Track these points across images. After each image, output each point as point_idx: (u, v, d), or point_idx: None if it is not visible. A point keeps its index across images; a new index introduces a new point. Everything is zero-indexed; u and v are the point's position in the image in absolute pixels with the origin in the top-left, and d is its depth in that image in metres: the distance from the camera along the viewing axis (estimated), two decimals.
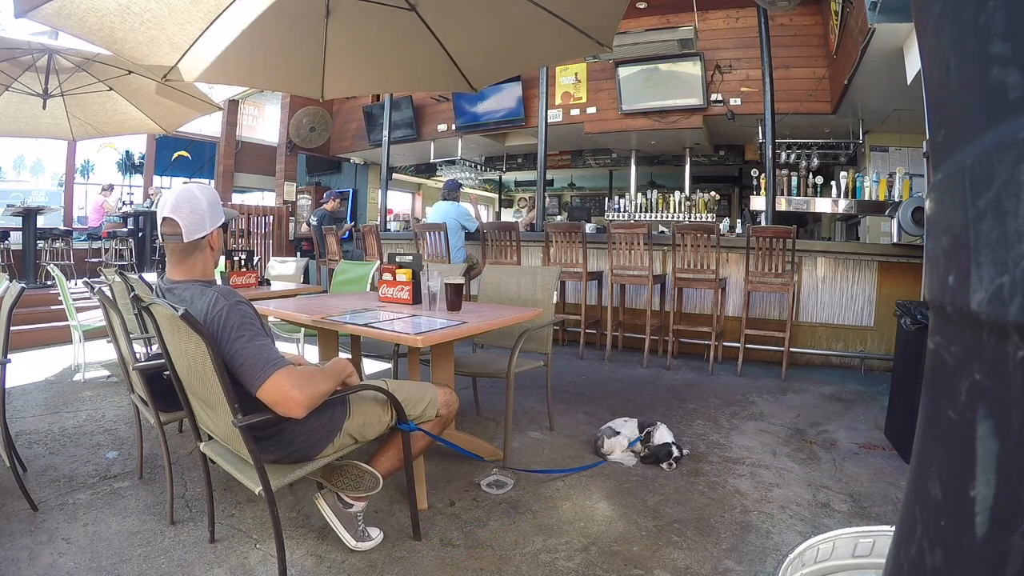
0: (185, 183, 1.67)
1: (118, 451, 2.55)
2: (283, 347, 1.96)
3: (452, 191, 5.65)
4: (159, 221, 1.59)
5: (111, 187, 8.51)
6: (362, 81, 3.73)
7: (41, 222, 6.45)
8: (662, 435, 2.51)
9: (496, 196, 13.05)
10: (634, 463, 2.47)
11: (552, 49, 3.20)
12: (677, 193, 7.40)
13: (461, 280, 2.37)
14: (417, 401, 1.80)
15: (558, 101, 7.06)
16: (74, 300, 3.95)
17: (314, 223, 7.46)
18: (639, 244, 4.42)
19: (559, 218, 10.17)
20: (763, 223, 5.19)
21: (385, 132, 7.80)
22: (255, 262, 3.72)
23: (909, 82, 3.85)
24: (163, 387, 1.93)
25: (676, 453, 2.42)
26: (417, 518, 1.86)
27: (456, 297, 2.34)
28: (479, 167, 10.36)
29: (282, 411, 1.43)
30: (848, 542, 1.05)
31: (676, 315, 4.53)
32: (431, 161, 9.27)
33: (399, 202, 12.22)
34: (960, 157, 0.37)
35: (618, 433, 2.57)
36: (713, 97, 6.13)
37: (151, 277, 3.48)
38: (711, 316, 4.50)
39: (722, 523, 1.98)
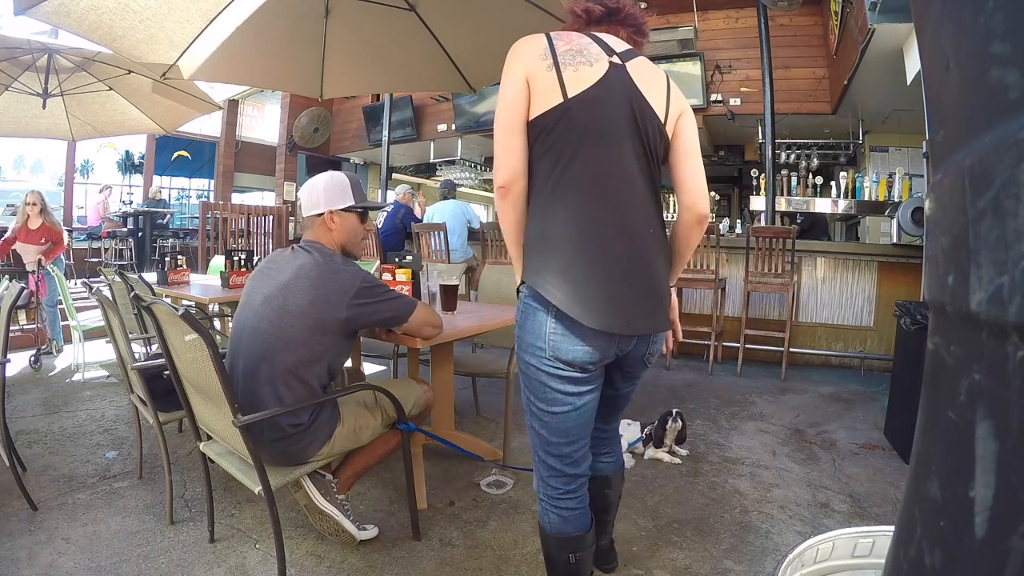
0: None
1: (117, 451, 2.55)
2: None
3: (453, 189, 5.71)
4: None
5: (109, 188, 8.49)
6: (361, 81, 3.73)
7: None
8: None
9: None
10: (632, 464, 2.47)
11: None
12: None
13: (455, 281, 2.37)
14: (405, 400, 1.81)
15: None
16: (73, 300, 3.95)
17: None
18: None
19: None
20: (763, 223, 5.19)
21: (385, 132, 7.79)
22: (255, 262, 3.72)
23: (909, 82, 3.85)
24: (162, 387, 1.93)
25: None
26: (417, 518, 1.86)
27: (450, 298, 2.34)
28: (479, 167, 10.35)
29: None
30: (847, 542, 1.05)
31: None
32: (431, 161, 9.26)
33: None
34: (960, 157, 0.36)
35: (620, 436, 2.57)
36: (713, 97, 6.12)
37: (151, 277, 3.48)
38: (711, 316, 4.50)
39: (722, 523, 1.98)
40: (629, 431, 2.59)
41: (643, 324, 1.20)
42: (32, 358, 4.06)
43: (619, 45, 1.24)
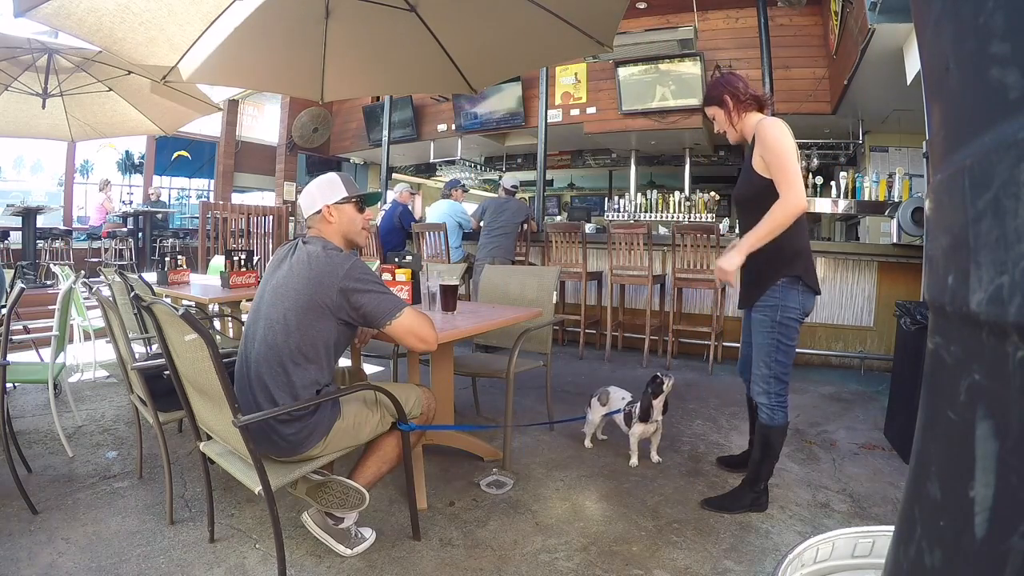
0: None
1: (117, 451, 2.55)
2: None
3: (449, 188, 5.68)
4: None
5: (108, 182, 8.44)
6: (362, 83, 3.72)
7: (41, 222, 6.44)
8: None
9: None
10: (634, 464, 2.47)
11: (552, 49, 3.19)
12: (677, 193, 7.39)
13: (455, 282, 2.37)
14: (404, 401, 1.81)
15: (558, 101, 7.06)
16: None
17: None
18: (639, 244, 4.42)
19: (559, 218, 10.18)
20: None
21: (385, 132, 7.80)
22: (255, 262, 3.72)
23: (909, 82, 3.85)
24: (162, 387, 1.93)
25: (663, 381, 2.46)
26: (416, 518, 1.86)
27: (450, 298, 2.34)
28: (479, 167, 10.36)
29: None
30: (847, 542, 1.05)
31: (676, 315, 4.53)
32: (431, 161, 9.27)
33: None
34: (960, 157, 0.36)
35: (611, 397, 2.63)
36: None
37: (151, 277, 3.48)
38: (711, 316, 4.50)
39: (721, 523, 1.98)
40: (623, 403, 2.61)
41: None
42: None
43: None
